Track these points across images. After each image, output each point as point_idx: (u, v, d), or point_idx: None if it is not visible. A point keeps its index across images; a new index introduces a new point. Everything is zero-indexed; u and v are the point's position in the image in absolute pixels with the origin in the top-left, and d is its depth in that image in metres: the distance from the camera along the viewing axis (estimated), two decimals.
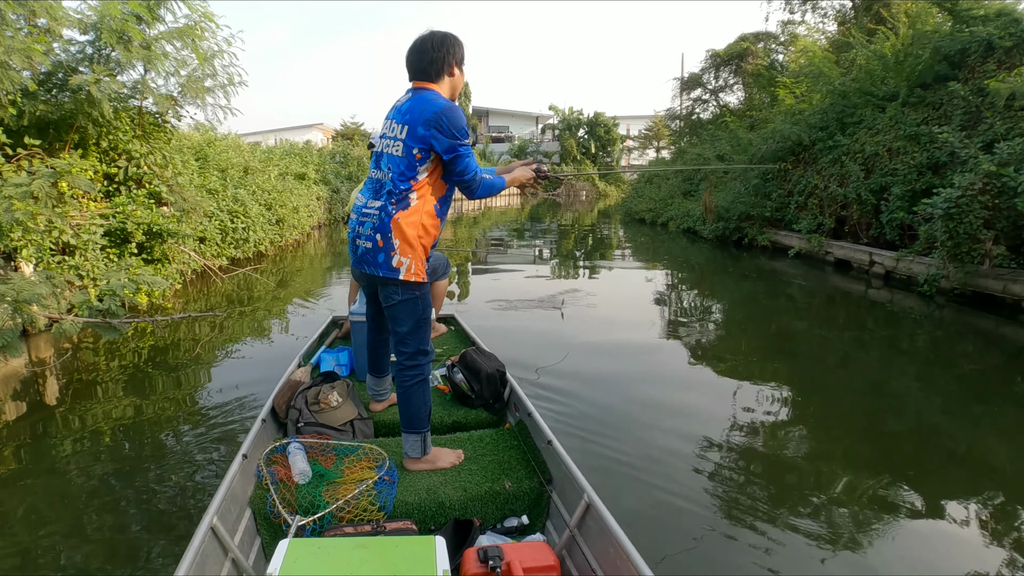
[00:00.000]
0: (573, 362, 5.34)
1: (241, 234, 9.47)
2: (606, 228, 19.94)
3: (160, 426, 4.12)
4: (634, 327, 6.79)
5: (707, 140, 19.59)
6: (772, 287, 9.68)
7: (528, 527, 2.55)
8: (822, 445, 3.99)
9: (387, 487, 2.54)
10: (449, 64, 2.60)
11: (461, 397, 3.49)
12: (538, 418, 2.91)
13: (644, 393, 4.77)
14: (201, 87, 8.15)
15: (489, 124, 47.58)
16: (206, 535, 2.01)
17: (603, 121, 40.66)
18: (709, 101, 24.82)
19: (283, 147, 17.46)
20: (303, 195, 13.66)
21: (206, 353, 5.82)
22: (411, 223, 2.54)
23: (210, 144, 11.16)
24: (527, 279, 9.94)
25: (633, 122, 43.88)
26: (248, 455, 2.60)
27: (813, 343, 6.60)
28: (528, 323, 6.85)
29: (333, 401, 3.16)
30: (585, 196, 37.41)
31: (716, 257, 12.23)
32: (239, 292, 8.23)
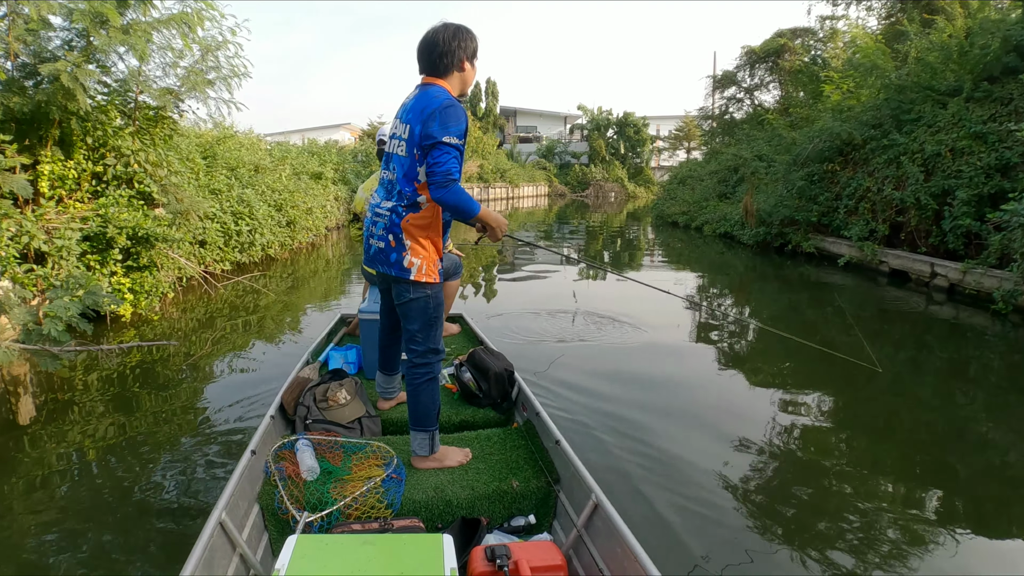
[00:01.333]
0: (589, 363, 5.23)
1: (246, 237, 8.77)
2: (636, 230, 19.08)
3: (169, 422, 4.11)
4: (659, 331, 6.42)
5: (743, 140, 18.52)
6: (817, 297, 8.73)
7: (535, 526, 2.54)
8: (860, 472, 3.60)
9: (395, 485, 2.53)
10: (460, 59, 2.53)
11: (469, 396, 3.45)
12: (546, 418, 2.90)
13: (663, 398, 4.61)
14: (203, 79, 7.46)
15: (517, 124, 46.79)
16: (215, 530, 1.99)
17: (633, 121, 39.55)
18: (743, 100, 23.72)
19: (301, 145, 16.80)
20: (319, 195, 12.96)
21: (216, 351, 5.75)
22: (422, 225, 2.54)
23: (220, 141, 10.50)
24: (551, 281, 9.86)
25: (663, 122, 42.75)
26: (256, 451, 2.58)
27: (862, 360, 5.81)
28: (545, 324, 6.66)
29: (341, 399, 3.14)
30: (614, 197, 36.41)
31: (756, 264, 11.29)
32: (243, 299, 7.53)
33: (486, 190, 31.98)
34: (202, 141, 10.22)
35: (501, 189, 33.37)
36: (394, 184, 2.57)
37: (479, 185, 31.44)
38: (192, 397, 4.61)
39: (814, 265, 10.69)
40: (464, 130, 2.45)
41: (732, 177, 16.52)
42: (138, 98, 6.99)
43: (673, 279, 10.12)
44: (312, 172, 13.91)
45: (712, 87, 24.43)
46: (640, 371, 5.17)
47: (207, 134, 10.40)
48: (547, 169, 39.09)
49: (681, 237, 15.68)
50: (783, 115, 20.74)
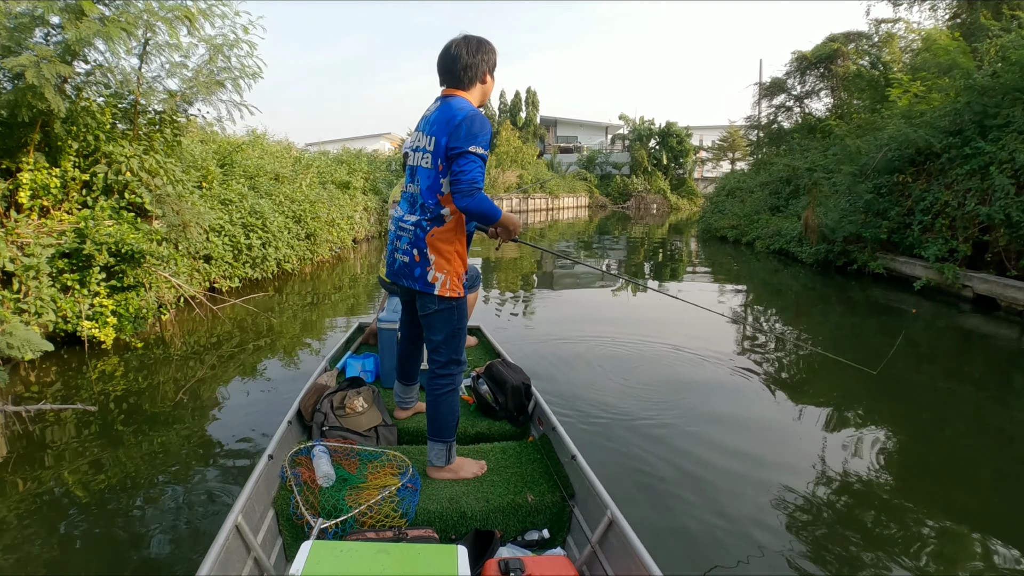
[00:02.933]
0: (611, 378, 5.05)
1: (258, 251, 7.99)
2: (679, 244, 17.98)
3: (187, 426, 4.07)
4: (691, 348, 5.96)
5: (795, 149, 17.25)
6: (885, 323, 7.59)
7: (548, 541, 2.49)
8: (920, 517, 3.16)
9: (410, 494, 2.50)
10: (483, 72, 2.54)
11: (485, 408, 3.42)
12: (563, 432, 2.85)
13: (687, 417, 4.32)
14: (211, 80, 6.73)
15: (557, 134, 45.92)
16: (230, 533, 1.98)
17: (676, 131, 38.27)
18: (793, 108, 22.36)
19: (333, 154, 16.07)
20: (345, 205, 12.16)
21: (235, 355, 5.61)
22: (446, 239, 2.52)
23: (239, 148, 9.79)
24: (587, 295, 9.58)
25: (707, 132, 41.32)
26: (273, 456, 2.56)
27: (934, 397, 5.06)
28: (568, 336, 6.44)
29: (358, 406, 3.13)
30: (656, 209, 35.19)
31: (816, 284, 10.10)
32: (255, 319, 6.73)
33: (525, 201, 31.11)
34: (219, 148, 9.53)
35: (541, 200, 32.47)
36: (417, 197, 2.55)
37: (518, 196, 30.57)
38: (209, 403, 4.53)
39: (883, 287, 9.48)
40: (488, 140, 2.41)
41: (784, 189, 15.27)
42: (138, 100, 6.26)
43: (718, 297, 9.38)
44: (339, 181, 13.12)
45: (760, 95, 23.12)
46: (666, 388, 4.88)
47: (225, 140, 9.72)
48: (588, 180, 38.03)
49: (730, 252, 14.48)
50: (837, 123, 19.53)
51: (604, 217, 30.74)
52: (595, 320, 7.58)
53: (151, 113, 6.63)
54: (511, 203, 30.05)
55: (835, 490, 3.39)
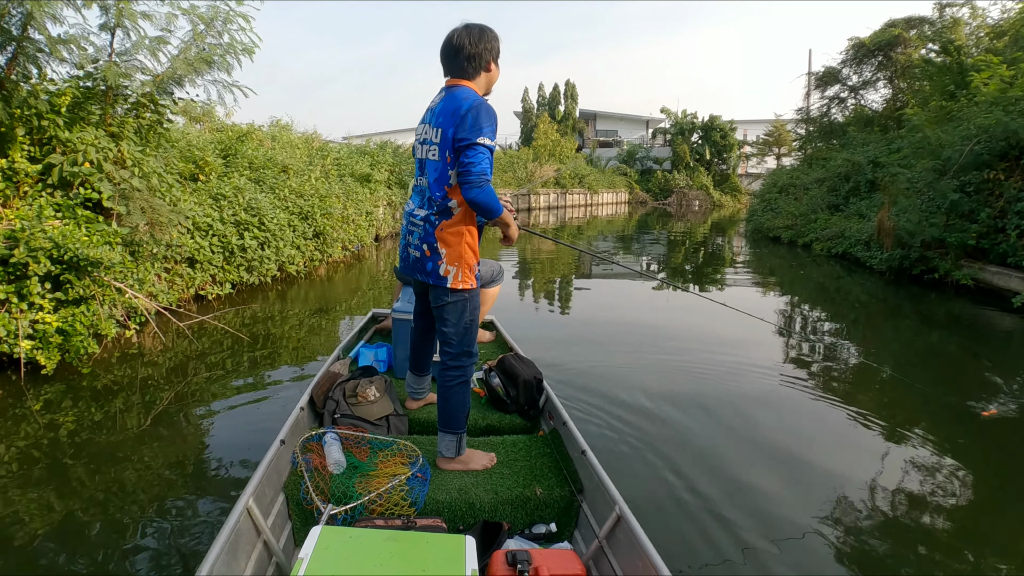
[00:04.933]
0: (625, 376, 4.88)
1: (254, 252, 7.01)
2: (723, 242, 16.64)
3: (200, 408, 4.05)
4: (728, 351, 5.65)
5: (855, 143, 15.65)
6: (971, 342, 6.50)
7: (556, 535, 2.48)
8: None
9: (419, 484, 2.47)
10: (487, 60, 2.50)
11: (496, 401, 3.38)
12: (573, 427, 2.81)
13: (711, 421, 4.12)
14: (198, 59, 5.74)
15: (596, 128, 44.42)
16: (241, 515, 1.97)
17: (719, 125, 36.45)
18: (847, 99, 20.61)
19: (354, 145, 14.99)
20: (364, 200, 11.09)
21: (249, 343, 5.48)
22: (456, 231, 2.51)
23: (244, 137, 8.80)
24: (612, 292, 9.28)
25: (751, 127, 39.30)
26: (285, 441, 2.54)
27: None
28: (591, 334, 6.38)
29: (371, 395, 3.08)
30: (698, 206, 33.57)
31: (886, 295, 8.70)
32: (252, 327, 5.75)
33: (563, 196, 29.84)
34: (223, 137, 8.57)
35: (579, 196, 31.17)
36: (426, 191, 2.54)
37: (556, 191, 29.32)
38: (223, 388, 4.48)
39: (968, 301, 8.04)
40: (495, 130, 2.40)
41: (843, 186, 13.71)
42: (108, 80, 5.28)
43: (763, 301, 8.61)
44: (360, 174, 12.06)
45: (812, 85, 21.36)
46: (684, 389, 4.69)
47: (230, 128, 8.77)
48: (628, 175, 36.53)
49: (783, 255, 13.04)
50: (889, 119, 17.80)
51: (644, 214, 29.39)
52: (615, 318, 7.37)
53: (129, 95, 5.65)
54: (548, 198, 28.86)
55: (862, 500, 3.15)
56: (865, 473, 3.45)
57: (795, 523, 2.94)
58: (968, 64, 12.95)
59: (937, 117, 10.65)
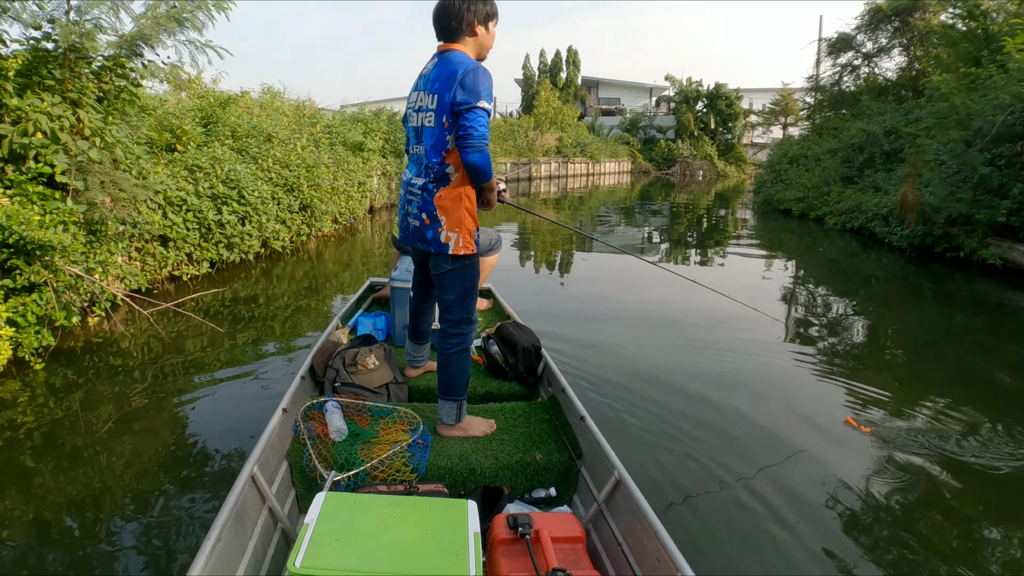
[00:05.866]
0: (624, 345, 4.99)
1: (233, 229, 6.46)
2: (729, 215, 16.13)
3: (201, 379, 4.02)
4: (728, 321, 5.61)
5: (867, 113, 14.99)
6: (995, 325, 6.21)
7: (555, 499, 2.50)
8: None
9: (420, 450, 2.49)
10: (470, 22, 2.43)
11: (495, 369, 3.37)
12: (572, 394, 2.84)
13: (708, 387, 4.16)
14: (165, 17, 5.17)
15: (599, 96, 43.41)
16: (246, 483, 1.99)
17: (725, 93, 35.39)
18: (860, 67, 19.80)
19: (347, 112, 14.24)
20: (356, 170, 10.46)
21: (267, 309, 5.48)
22: (454, 197, 2.48)
23: (225, 104, 8.17)
24: (610, 264, 9.01)
25: (757, 96, 38.22)
26: (287, 410, 2.56)
27: None
28: (590, 302, 6.51)
29: (370, 364, 3.06)
30: (702, 176, 32.79)
31: (907, 273, 8.23)
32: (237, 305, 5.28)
33: (565, 165, 29.11)
34: (203, 103, 7.96)
35: (581, 165, 30.42)
36: (423, 158, 2.50)
37: (557, 159, 28.58)
38: (223, 358, 4.42)
39: (994, 281, 7.57)
40: (491, 93, 2.36)
41: (857, 157, 13.11)
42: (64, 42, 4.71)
43: (772, 277, 8.40)
44: (352, 143, 11.40)
45: (825, 52, 20.49)
46: (683, 355, 4.84)
47: (212, 93, 8.17)
48: (630, 144, 35.65)
49: (794, 229, 12.50)
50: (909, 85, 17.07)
51: (647, 184, 28.67)
52: (613, 289, 7.36)
53: (92, 58, 5.08)
54: (550, 167, 28.16)
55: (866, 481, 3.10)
56: (870, 450, 3.42)
57: (792, 485, 3.01)
58: (993, 31, 12.28)
59: (963, 85, 10.02)
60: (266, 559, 2.04)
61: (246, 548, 1.91)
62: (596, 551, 2.19)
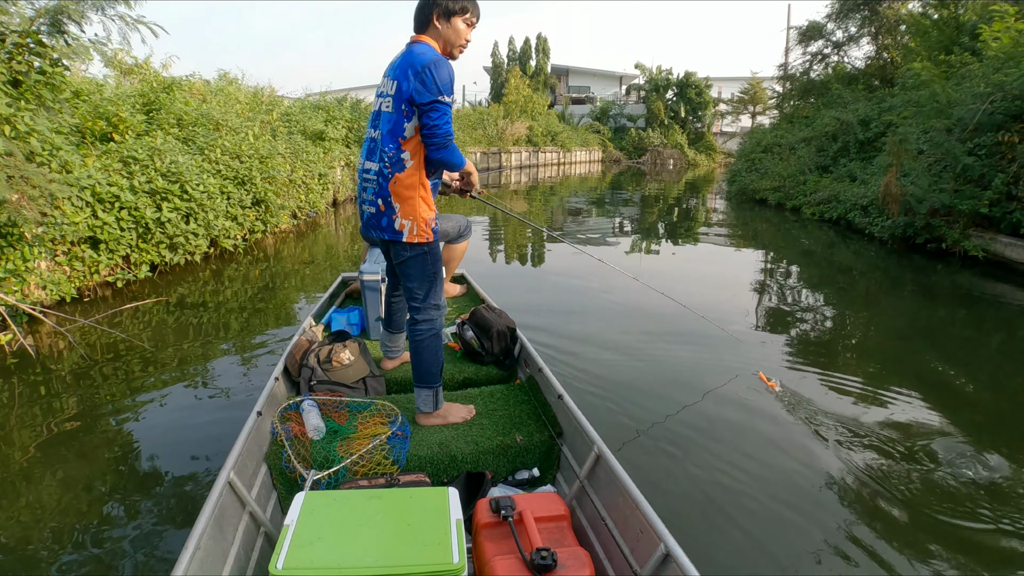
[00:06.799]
0: (598, 324, 5.12)
1: (176, 227, 5.86)
2: (700, 204, 15.89)
3: (173, 387, 3.83)
4: (701, 302, 5.62)
5: (838, 102, 14.79)
6: (981, 318, 5.97)
7: (539, 479, 2.52)
8: None
9: (400, 442, 2.49)
10: (430, 15, 2.38)
11: (472, 354, 3.36)
12: (549, 373, 2.84)
13: (677, 364, 4.33)
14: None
15: (568, 84, 42.90)
16: (223, 489, 1.93)
17: (694, 82, 35.26)
18: (830, 56, 19.65)
19: (306, 100, 13.52)
20: (316, 161, 9.87)
21: (217, 314, 5.20)
22: (409, 184, 2.43)
23: (169, 89, 7.53)
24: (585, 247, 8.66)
25: (726, 84, 38.12)
26: (262, 412, 2.50)
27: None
28: (564, 285, 6.66)
29: (345, 359, 3.03)
30: (673, 165, 32.63)
31: (888, 265, 7.97)
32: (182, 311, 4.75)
33: (535, 154, 28.64)
34: (143, 88, 7.32)
35: (552, 154, 29.98)
36: (377, 143, 2.45)
37: (528, 149, 28.09)
38: (194, 364, 4.19)
39: (976, 274, 7.34)
40: (452, 86, 2.32)
41: (831, 146, 12.89)
42: None
43: (748, 268, 8.15)
44: (312, 131, 10.77)
45: (795, 40, 20.27)
46: (651, 334, 4.92)
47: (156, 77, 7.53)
48: (601, 133, 35.31)
49: (771, 219, 12.22)
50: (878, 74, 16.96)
51: (618, 173, 28.41)
52: (587, 270, 7.26)
53: (4, 34, 4.47)
54: (520, 157, 27.66)
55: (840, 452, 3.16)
56: (834, 423, 3.45)
57: (763, 455, 3.08)
58: (964, 19, 12.11)
59: (942, 73, 9.79)
60: (250, 564, 1.98)
61: (228, 554, 1.86)
62: (581, 527, 2.18)
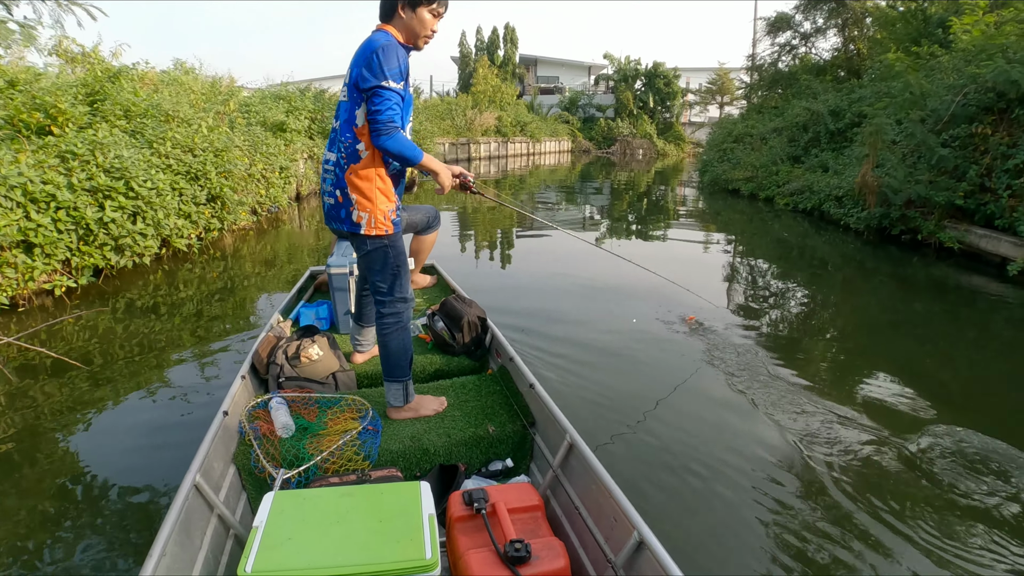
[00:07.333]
0: (567, 313, 5.12)
1: (121, 228, 5.39)
2: (669, 192, 15.90)
3: (144, 371, 3.81)
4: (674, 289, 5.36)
5: (807, 93, 14.75)
6: (956, 308, 5.98)
7: (512, 469, 2.48)
8: None
9: (371, 436, 2.45)
10: (395, 4, 2.32)
11: (442, 345, 3.34)
12: (520, 363, 2.80)
13: (647, 350, 4.36)
14: None
15: (537, 74, 42.51)
16: (189, 492, 1.89)
17: (663, 72, 35.17)
18: (798, 48, 19.66)
19: (264, 91, 12.92)
20: (277, 154, 9.37)
21: (182, 311, 4.99)
22: (365, 176, 2.38)
23: (115, 78, 7.03)
24: (554, 237, 8.97)
25: (693, 75, 38.16)
26: (229, 412, 2.43)
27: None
28: (534, 274, 6.61)
29: (314, 354, 2.97)
30: (642, 155, 32.54)
31: (863, 257, 7.88)
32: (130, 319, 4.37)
33: (505, 145, 28.28)
34: (86, 78, 6.82)
35: (521, 144, 29.65)
36: (337, 133, 2.43)
37: (497, 139, 27.72)
38: (157, 362, 4.01)
39: (952, 265, 7.28)
40: (401, 72, 2.25)
41: (803, 136, 12.84)
42: None
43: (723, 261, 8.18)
44: (273, 123, 10.27)
45: (764, 32, 20.22)
46: (625, 322, 4.90)
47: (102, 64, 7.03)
48: (570, 123, 35.07)
49: (744, 209, 12.11)
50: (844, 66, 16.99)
51: (587, 163, 28.21)
52: (558, 260, 7.34)
53: None
54: (489, 147, 27.29)
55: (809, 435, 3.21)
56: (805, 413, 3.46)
57: (737, 444, 3.09)
58: (931, 12, 12.10)
59: (916, 64, 9.73)
60: (219, 568, 1.91)
61: (195, 559, 1.79)
62: (556, 517, 2.15)
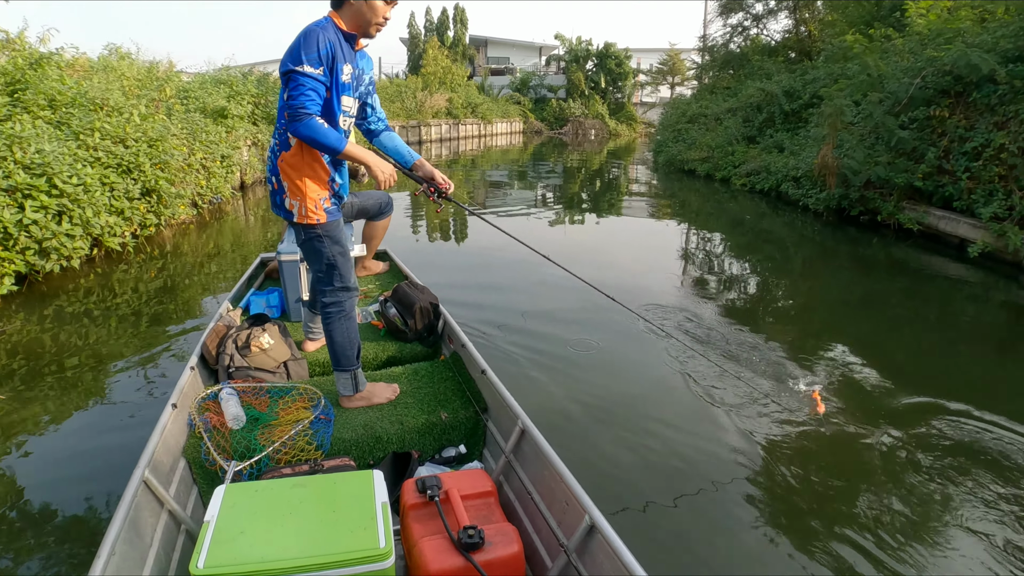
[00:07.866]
0: (519, 297, 5.22)
1: (43, 230, 4.81)
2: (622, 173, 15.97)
3: (81, 381, 3.63)
4: (622, 275, 5.95)
5: (759, 73, 14.77)
6: (915, 288, 6.06)
7: (466, 456, 2.48)
8: None
9: (323, 426, 2.41)
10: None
11: (395, 332, 3.30)
12: (472, 349, 2.79)
13: (596, 335, 4.40)
14: None
15: (488, 55, 41.87)
16: (138, 488, 1.84)
17: (614, 53, 35.02)
18: (750, 29, 19.70)
19: (204, 75, 12.13)
20: (219, 142, 8.80)
21: (118, 313, 4.75)
22: (294, 163, 2.33)
23: (37, 65, 6.38)
24: (509, 222, 8.82)
25: (645, 56, 38.12)
26: (178, 404, 2.39)
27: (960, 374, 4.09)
28: (487, 261, 6.67)
29: (265, 343, 2.90)
30: (595, 135, 32.46)
31: (822, 238, 7.97)
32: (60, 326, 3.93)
33: (456, 127, 27.77)
34: (6, 66, 6.15)
35: (473, 126, 29.19)
36: (277, 121, 2.36)
37: (448, 121, 27.17)
38: (103, 354, 3.94)
39: (911, 246, 7.33)
40: (320, 57, 2.12)
41: (757, 117, 12.85)
42: None
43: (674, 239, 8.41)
44: (213, 108, 9.66)
45: (716, 12, 20.18)
46: (574, 309, 4.92)
47: (19, 54, 6.40)
48: (521, 104, 34.67)
49: (699, 189, 12.08)
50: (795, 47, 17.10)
51: (540, 144, 28.03)
52: (510, 244, 6.76)
53: None
54: (440, 129, 26.74)
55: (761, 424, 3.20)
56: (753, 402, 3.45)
57: (688, 426, 3.15)
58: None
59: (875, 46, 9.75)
60: (171, 565, 1.86)
61: (146, 557, 1.74)
62: (509, 502, 2.14)
